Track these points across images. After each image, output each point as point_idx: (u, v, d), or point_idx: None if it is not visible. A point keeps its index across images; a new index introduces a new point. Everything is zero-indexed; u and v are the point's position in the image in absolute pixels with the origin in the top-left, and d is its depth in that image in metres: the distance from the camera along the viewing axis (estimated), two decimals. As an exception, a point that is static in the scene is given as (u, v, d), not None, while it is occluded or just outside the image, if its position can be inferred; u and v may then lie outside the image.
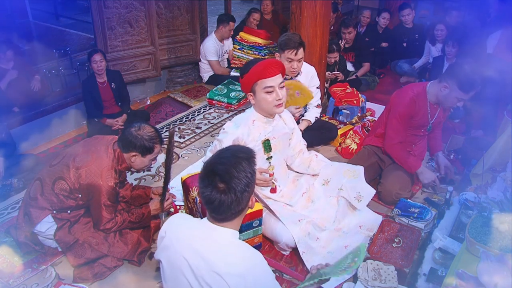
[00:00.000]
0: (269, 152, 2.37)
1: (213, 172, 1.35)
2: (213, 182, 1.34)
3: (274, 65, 2.16)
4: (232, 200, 1.34)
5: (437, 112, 2.78)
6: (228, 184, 1.33)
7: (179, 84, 4.81)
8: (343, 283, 2.15)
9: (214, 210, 1.37)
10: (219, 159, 1.39)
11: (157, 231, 2.49)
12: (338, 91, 3.88)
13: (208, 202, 1.36)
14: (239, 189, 1.34)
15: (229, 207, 1.36)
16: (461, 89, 2.51)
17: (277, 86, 2.17)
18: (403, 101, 2.74)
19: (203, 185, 1.36)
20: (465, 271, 1.75)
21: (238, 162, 1.36)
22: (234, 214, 1.39)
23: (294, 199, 2.47)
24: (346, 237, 2.40)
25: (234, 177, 1.34)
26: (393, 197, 2.68)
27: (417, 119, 2.77)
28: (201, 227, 1.44)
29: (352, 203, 2.47)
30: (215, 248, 1.38)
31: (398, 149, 2.81)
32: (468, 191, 2.55)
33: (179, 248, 1.42)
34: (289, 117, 2.49)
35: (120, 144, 2.22)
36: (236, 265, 1.35)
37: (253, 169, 1.40)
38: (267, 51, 4.54)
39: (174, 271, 1.43)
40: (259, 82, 2.15)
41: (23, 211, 2.27)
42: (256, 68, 2.13)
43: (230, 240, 1.40)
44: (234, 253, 1.38)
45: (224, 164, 1.36)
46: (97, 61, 3.48)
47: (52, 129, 3.78)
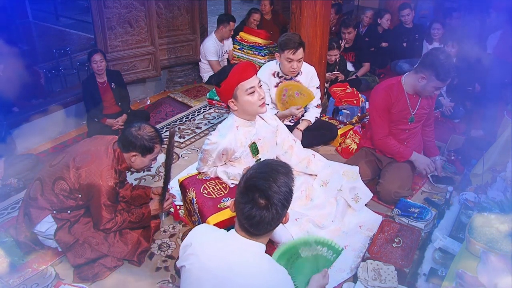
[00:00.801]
0: (257, 154, 2.38)
1: (254, 188, 1.31)
2: (254, 198, 1.30)
3: (249, 66, 2.17)
4: (273, 216, 1.31)
5: (418, 103, 2.76)
6: (270, 200, 1.30)
7: (179, 84, 4.81)
8: (343, 283, 2.15)
9: (252, 226, 1.33)
10: (259, 173, 1.34)
11: (157, 231, 2.52)
12: (338, 91, 3.88)
13: (248, 218, 1.32)
14: (280, 205, 1.31)
15: (270, 224, 1.33)
16: (438, 79, 2.53)
17: (257, 86, 2.18)
18: (378, 94, 2.80)
19: (244, 201, 1.32)
20: (465, 271, 1.75)
21: (278, 177, 1.33)
22: (269, 230, 1.36)
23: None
24: (346, 237, 2.40)
25: (275, 193, 1.30)
26: (392, 196, 2.68)
27: (397, 110, 2.77)
28: (229, 239, 1.41)
29: (349, 204, 2.48)
30: (242, 261, 1.36)
31: (386, 141, 2.84)
32: (468, 191, 2.55)
33: (203, 257, 1.39)
34: (269, 115, 2.48)
35: (120, 144, 2.22)
36: (262, 279, 1.33)
37: (292, 184, 1.37)
38: (267, 51, 4.54)
39: (196, 281, 1.40)
40: (240, 86, 2.15)
41: (23, 211, 2.27)
42: (235, 73, 2.12)
43: (258, 254, 1.38)
44: (261, 267, 1.36)
45: (264, 179, 1.32)
46: (97, 61, 3.48)
47: (52, 129, 3.78)
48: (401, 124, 2.84)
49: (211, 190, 2.37)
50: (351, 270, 2.22)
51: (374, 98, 2.85)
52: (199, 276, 1.39)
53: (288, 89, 3.07)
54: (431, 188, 2.93)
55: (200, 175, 2.50)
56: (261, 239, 1.39)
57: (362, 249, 2.36)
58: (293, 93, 3.06)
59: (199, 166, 2.49)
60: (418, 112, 2.81)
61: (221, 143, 2.27)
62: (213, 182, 2.44)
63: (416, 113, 2.80)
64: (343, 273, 2.20)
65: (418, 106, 2.77)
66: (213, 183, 2.43)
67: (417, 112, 2.80)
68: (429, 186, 2.95)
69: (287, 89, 3.07)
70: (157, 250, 2.41)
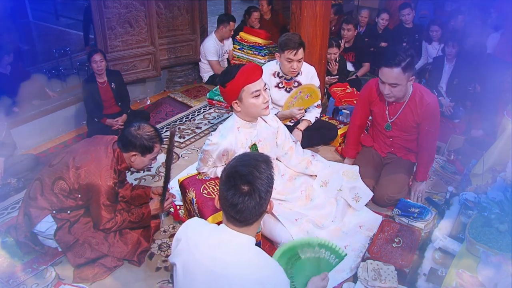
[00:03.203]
0: None
1: (236, 174, 1.33)
2: (236, 184, 1.32)
3: (257, 69, 2.15)
4: (257, 202, 1.33)
5: (398, 113, 2.62)
6: (253, 186, 1.32)
7: (179, 84, 4.81)
8: (343, 283, 2.15)
9: (237, 214, 1.34)
10: (239, 162, 1.37)
11: (157, 231, 2.52)
12: (338, 91, 3.89)
13: (231, 205, 1.33)
14: (263, 190, 1.33)
15: (254, 209, 1.34)
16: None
17: (262, 89, 2.17)
18: (366, 85, 2.83)
19: (226, 188, 1.33)
20: (465, 271, 1.75)
21: (258, 164, 1.35)
22: (255, 217, 1.37)
23: (290, 195, 2.47)
24: (346, 237, 2.40)
25: (257, 178, 1.32)
26: (385, 200, 2.66)
27: (376, 111, 2.75)
28: (219, 232, 1.41)
29: (349, 203, 2.48)
30: (233, 254, 1.36)
31: (350, 129, 2.99)
32: (468, 191, 2.55)
33: (195, 252, 1.39)
34: (270, 117, 2.47)
35: (120, 143, 2.22)
36: (254, 272, 1.33)
37: (272, 171, 1.39)
38: (267, 51, 4.54)
39: (188, 276, 1.41)
40: (246, 88, 2.13)
41: (23, 211, 2.27)
42: (242, 74, 2.10)
43: (248, 247, 1.39)
44: (252, 260, 1.36)
45: (245, 166, 1.34)
46: (97, 61, 3.48)
47: (52, 129, 3.78)
48: (382, 129, 2.81)
49: (211, 190, 2.37)
50: (351, 270, 2.22)
51: (363, 87, 2.89)
52: (191, 271, 1.40)
53: (302, 91, 3.06)
54: (431, 188, 2.93)
55: (200, 175, 2.50)
56: (249, 230, 1.40)
57: (362, 249, 2.36)
58: (304, 95, 3.06)
59: (199, 166, 2.49)
60: (398, 122, 2.66)
61: (222, 143, 2.26)
62: (213, 182, 2.44)
63: (394, 121, 2.67)
64: (343, 273, 2.20)
65: (398, 115, 2.63)
66: (213, 183, 2.43)
67: (395, 121, 2.66)
68: (429, 186, 2.95)
69: (301, 91, 3.06)
70: (157, 250, 2.41)
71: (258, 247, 1.42)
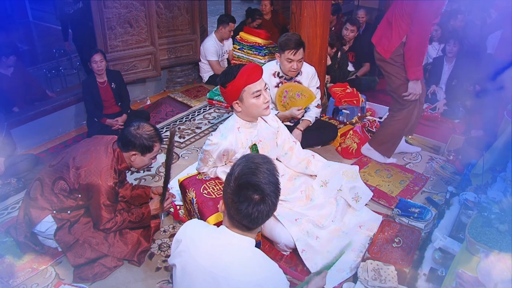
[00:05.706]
0: None
1: (247, 184, 1.32)
2: (248, 195, 1.31)
3: (257, 69, 2.15)
4: (270, 207, 1.33)
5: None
6: (264, 193, 1.31)
7: (179, 84, 4.81)
8: (343, 283, 2.15)
9: (252, 222, 1.34)
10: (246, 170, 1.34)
11: (157, 231, 2.52)
12: (338, 91, 3.88)
13: (247, 216, 1.32)
14: (273, 195, 1.33)
15: (268, 215, 1.34)
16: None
17: (263, 89, 2.17)
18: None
19: (239, 200, 1.32)
20: (465, 271, 1.75)
21: (263, 168, 1.34)
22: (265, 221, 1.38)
23: (290, 195, 2.47)
24: (346, 237, 2.40)
25: (265, 184, 1.31)
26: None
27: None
28: (219, 234, 1.41)
29: (349, 203, 2.48)
30: (233, 255, 1.36)
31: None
32: (468, 191, 2.55)
33: (195, 254, 1.39)
34: (271, 117, 2.47)
35: (120, 143, 2.22)
36: (254, 274, 1.33)
37: (276, 170, 1.38)
38: (267, 51, 4.53)
39: (188, 277, 1.41)
40: (247, 88, 2.13)
41: (23, 211, 2.27)
42: (243, 74, 2.10)
43: (249, 248, 1.39)
44: (252, 262, 1.37)
45: (253, 174, 1.33)
46: (97, 61, 3.48)
47: (52, 129, 3.78)
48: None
49: (211, 190, 2.37)
50: (351, 270, 2.22)
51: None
52: (191, 273, 1.39)
53: (288, 90, 3.07)
54: (431, 188, 2.93)
55: (200, 175, 2.50)
56: (252, 233, 1.40)
57: (362, 249, 2.36)
58: (294, 94, 3.06)
59: (199, 166, 2.49)
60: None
61: (222, 143, 2.26)
62: (213, 182, 2.44)
63: None
64: (343, 273, 2.20)
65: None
66: (213, 183, 2.43)
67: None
68: (429, 186, 2.95)
69: (287, 90, 3.07)
70: (157, 250, 2.41)
71: (258, 249, 1.42)
